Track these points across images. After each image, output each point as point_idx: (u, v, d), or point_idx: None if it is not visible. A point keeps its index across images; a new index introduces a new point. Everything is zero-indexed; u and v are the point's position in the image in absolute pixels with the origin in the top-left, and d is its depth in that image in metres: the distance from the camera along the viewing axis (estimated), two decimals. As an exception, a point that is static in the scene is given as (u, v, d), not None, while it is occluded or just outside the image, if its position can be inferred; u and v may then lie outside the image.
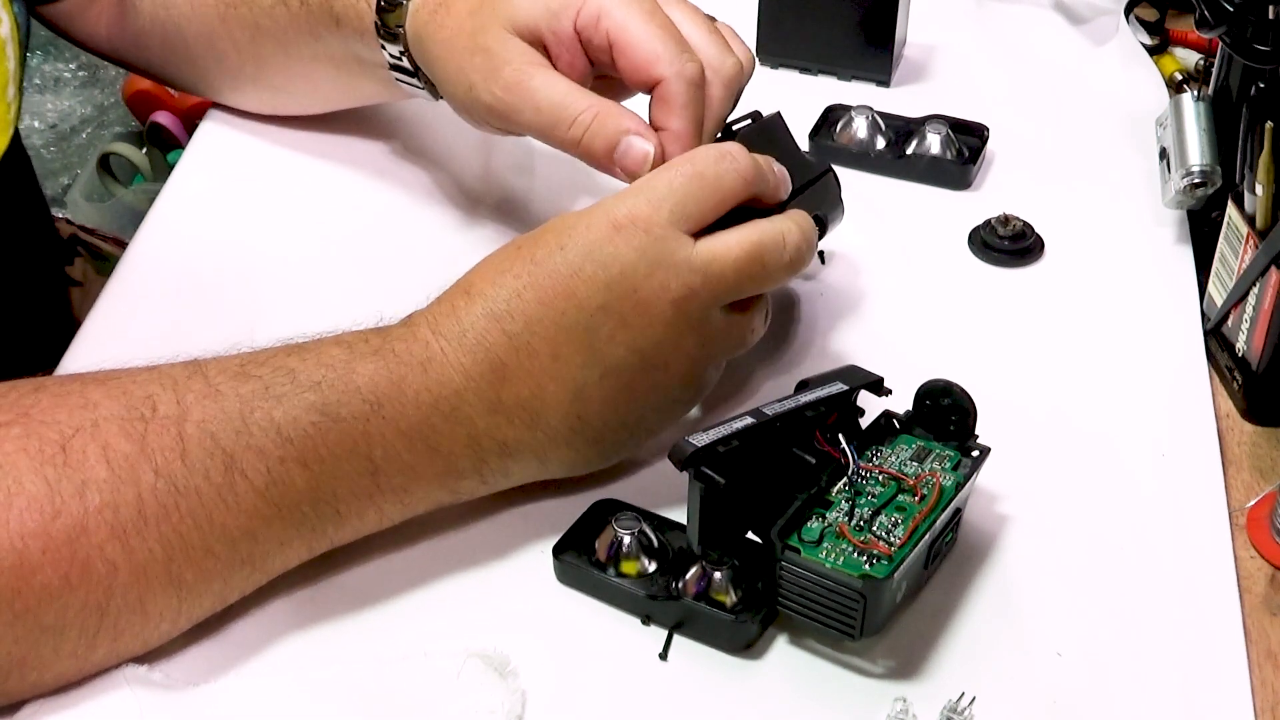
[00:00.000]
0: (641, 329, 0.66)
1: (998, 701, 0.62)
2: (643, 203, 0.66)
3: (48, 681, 0.60)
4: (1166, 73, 1.04)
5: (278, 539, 0.63)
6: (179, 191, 0.92)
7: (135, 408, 0.61)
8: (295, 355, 0.64)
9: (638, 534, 0.66)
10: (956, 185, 0.93)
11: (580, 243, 0.66)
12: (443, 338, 0.65)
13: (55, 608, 0.58)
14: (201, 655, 0.63)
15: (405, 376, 0.64)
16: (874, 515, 0.64)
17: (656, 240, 0.65)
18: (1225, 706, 0.63)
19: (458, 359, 0.65)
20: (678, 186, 0.66)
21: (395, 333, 0.66)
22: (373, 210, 0.90)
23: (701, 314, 0.67)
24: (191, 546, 0.60)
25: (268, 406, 0.62)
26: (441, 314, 0.66)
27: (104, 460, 0.59)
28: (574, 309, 0.65)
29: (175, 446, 0.60)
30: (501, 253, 0.68)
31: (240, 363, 0.64)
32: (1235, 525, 0.71)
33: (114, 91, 2.10)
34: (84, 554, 0.58)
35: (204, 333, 0.80)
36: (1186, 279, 0.86)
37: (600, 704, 0.62)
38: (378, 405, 0.64)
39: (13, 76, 0.85)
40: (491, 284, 0.66)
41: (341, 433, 0.63)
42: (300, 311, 0.82)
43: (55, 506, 0.58)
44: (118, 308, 0.83)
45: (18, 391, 0.62)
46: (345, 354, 0.64)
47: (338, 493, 0.64)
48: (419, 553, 0.68)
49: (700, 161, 0.67)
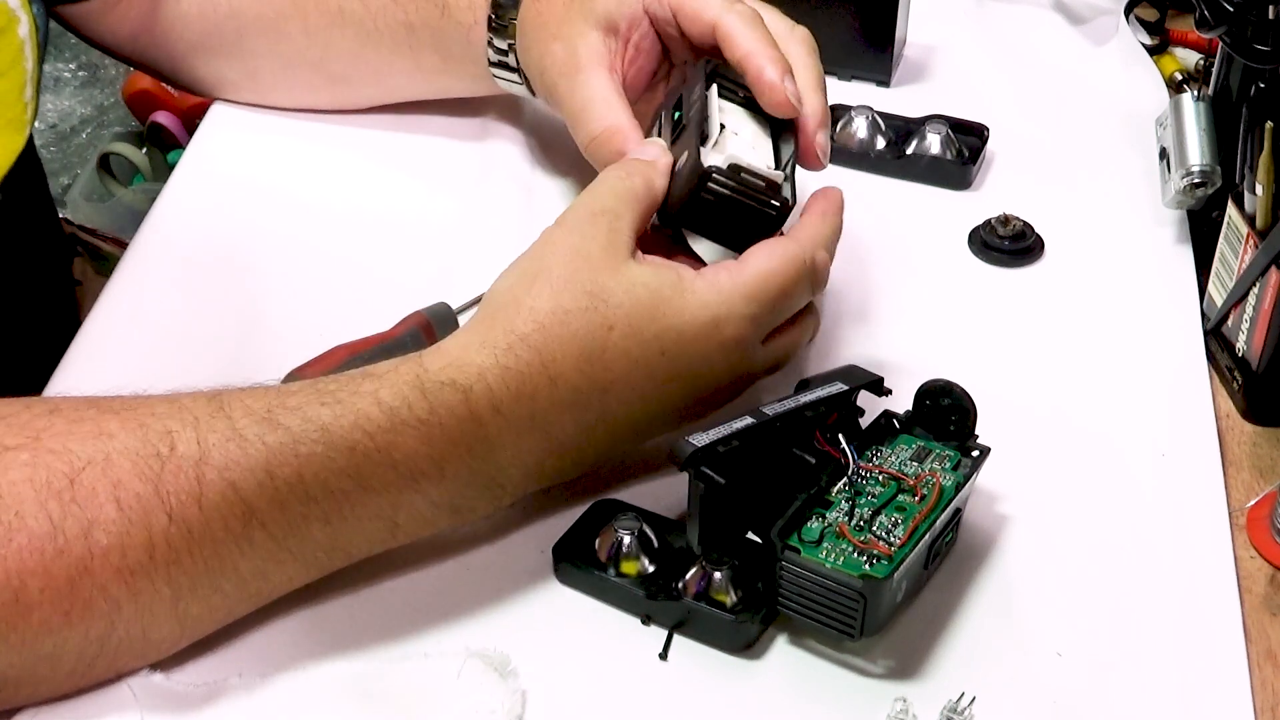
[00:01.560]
0: (700, 406, 0.69)
1: (998, 701, 0.62)
2: (750, 326, 0.67)
3: (43, 695, 0.60)
4: (1166, 73, 1.04)
5: (287, 577, 0.62)
6: (179, 191, 0.92)
7: (151, 443, 0.59)
8: (328, 406, 0.61)
9: (638, 534, 0.66)
10: (956, 185, 0.93)
11: (684, 353, 0.66)
12: (505, 419, 0.63)
13: (54, 640, 0.57)
14: (201, 656, 0.62)
15: (449, 456, 0.62)
16: (874, 515, 0.64)
17: (747, 357, 0.69)
18: (1225, 706, 0.63)
19: (515, 441, 0.64)
20: (778, 307, 0.69)
21: (446, 401, 0.62)
22: (374, 210, 0.90)
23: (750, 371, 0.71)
24: (200, 586, 0.60)
25: (296, 465, 0.60)
26: (512, 395, 0.63)
27: (114, 500, 0.57)
28: (653, 405, 0.67)
29: (192, 491, 0.58)
30: (589, 331, 0.64)
31: (268, 406, 0.61)
32: (1235, 525, 0.71)
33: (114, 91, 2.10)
34: (86, 593, 0.57)
35: (204, 333, 0.81)
36: (1186, 279, 0.86)
37: (600, 704, 0.62)
38: (413, 480, 0.62)
39: (30, 77, 0.85)
40: (579, 374, 0.64)
41: (370, 501, 0.62)
42: (301, 311, 0.82)
43: (58, 545, 0.56)
44: (118, 308, 0.82)
45: (30, 412, 0.60)
46: (385, 419, 0.61)
47: (354, 543, 0.63)
48: (419, 553, 0.68)
49: (801, 279, 0.69)
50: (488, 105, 0.95)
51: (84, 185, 1.76)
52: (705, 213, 0.72)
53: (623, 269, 0.66)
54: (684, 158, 0.71)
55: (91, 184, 1.76)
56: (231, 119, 0.96)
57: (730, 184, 0.70)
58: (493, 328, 0.64)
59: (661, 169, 0.71)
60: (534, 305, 0.64)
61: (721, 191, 0.70)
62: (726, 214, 0.71)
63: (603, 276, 0.65)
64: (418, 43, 0.88)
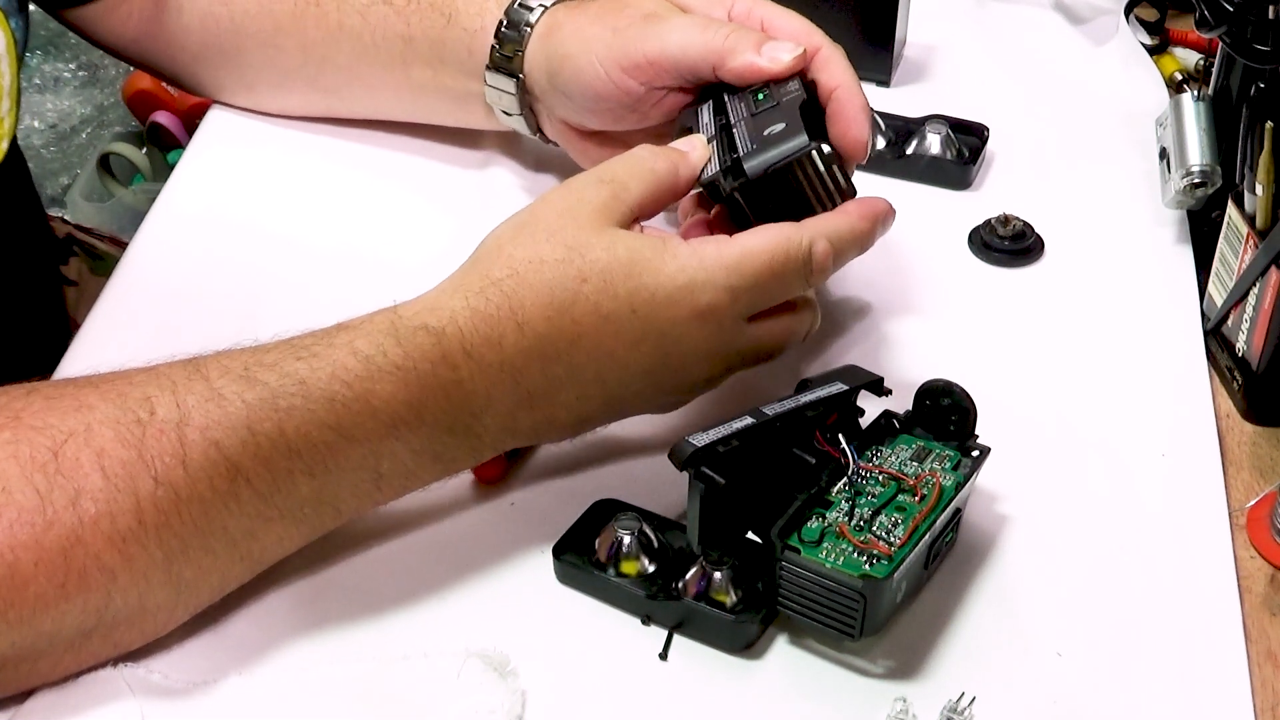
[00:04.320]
0: (674, 377, 0.68)
1: (998, 701, 0.62)
2: (726, 297, 0.66)
3: (43, 674, 0.60)
4: (1166, 73, 1.04)
5: (277, 536, 0.63)
6: (179, 191, 0.92)
7: (131, 410, 0.60)
8: (304, 360, 0.62)
9: (638, 534, 0.66)
10: (956, 185, 0.93)
11: (655, 315, 0.65)
12: (476, 363, 0.63)
13: (52, 615, 0.58)
14: (201, 655, 0.63)
15: (426, 401, 0.63)
16: (874, 515, 0.64)
17: (725, 333, 0.67)
18: (1225, 706, 0.63)
19: (487, 388, 0.64)
20: (761, 285, 0.66)
21: (420, 345, 0.63)
22: (374, 210, 0.90)
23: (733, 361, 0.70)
24: (191, 548, 0.60)
25: (277, 418, 0.60)
26: (481, 338, 0.64)
27: (99, 468, 0.58)
28: (622, 368, 0.66)
29: (176, 453, 0.59)
30: (561, 282, 0.64)
31: (244, 364, 0.62)
32: (1235, 525, 0.71)
33: (114, 91, 2.10)
34: (80, 563, 0.57)
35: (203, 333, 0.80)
36: (1186, 279, 0.86)
37: (600, 704, 0.62)
38: (393, 427, 0.62)
39: (8, 91, 0.85)
40: (547, 322, 0.64)
41: (352, 450, 0.62)
42: (300, 312, 0.82)
43: (47, 518, 0.57)
44: (117, 308, 0.82)
45: (8, 395, 0.61)
46: (361, 368, 0.62)
47: (340, 496, 0.63)
48: (419, 553, 0.68)
49: (791, 262, 0.67)
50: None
51: (84, 185, 1.76)
52: (773, 191, 0.70)
53: (608, 230, 0.66)
54: (780, 127, 0.70)
55: (91, 184, 1.76)
56: (232, 120, 0.96)
57: (818, 171, 0.69)
58: (470, 273, 0.65)
59: (694, 161, 0.70)
60: (513, 253, 0.65)
61: (810, 174, 0.69)
62: (790, 199, 0.70)
63: (586, 233, 0.65)
64: (413, 55, 0.87)
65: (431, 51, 0.86)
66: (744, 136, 0.71)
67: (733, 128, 0.72)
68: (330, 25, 0.89)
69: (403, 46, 0.87)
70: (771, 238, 0.67)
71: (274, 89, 0.94)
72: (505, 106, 0.85)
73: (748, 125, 0.71)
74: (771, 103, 0.72)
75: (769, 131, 0.70)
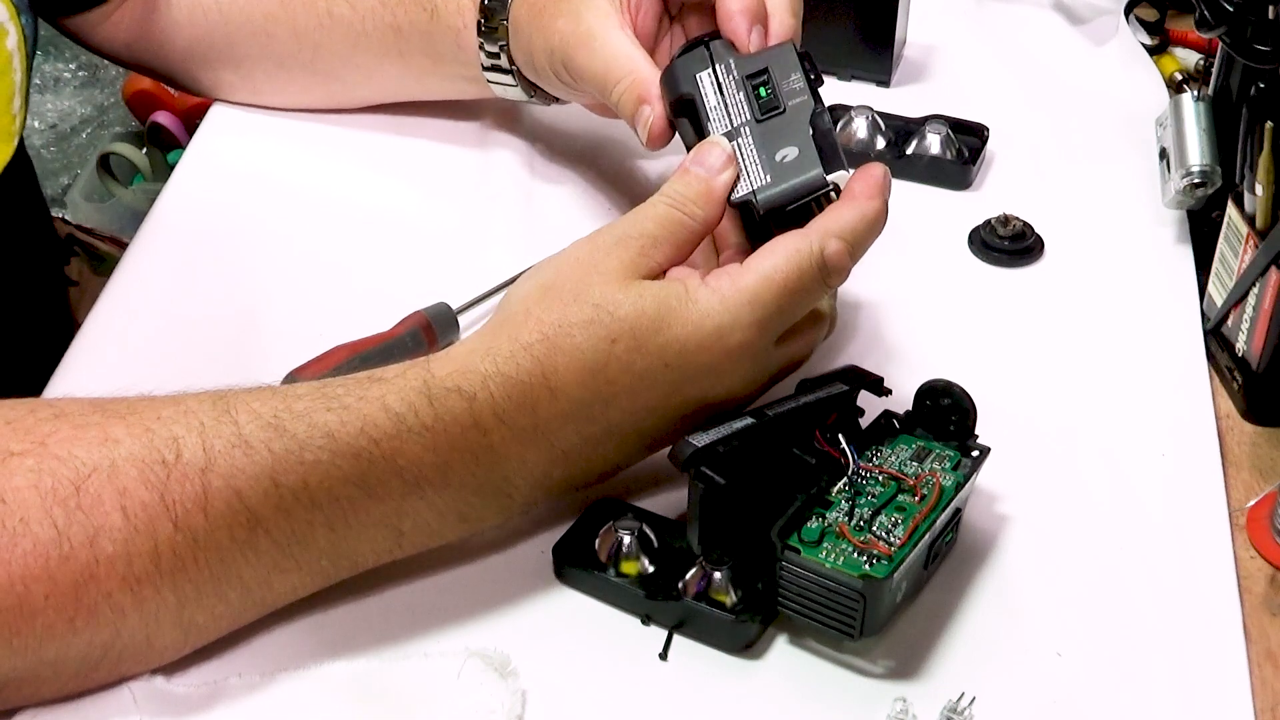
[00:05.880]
0: (711, 410, 0.67)
1: (998, 701, 0.62)
2: (756, 333, 0.65)
3: (45, 696, 0.60)
4: (1166, 73, 1.04)
5: (291, 585, 0.62)
6: (179, 191, 0.92)
7: (157, 450, 0.59)
8: (335, 413, 0.61)
9: (638, 534, 0.66)
10: (956, 185, 0.93)
11: (691, 364, 0.64)
12: (509, 428, 0.62)
13: (57, 646, 0.57)
14: (201, 655, 0.62)
15: (453, 463, 0.62)
16: (874, 515, 0.64)
17: (759, 362, 0.66)
18: (1225, 706, 0.63)
19: (520, 451, 0.63)
20: (784, 308, 0.65)
21: (451, 409, 0.62)
22: (374, 210, 0.90)
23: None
24: (205, 595, 0.60)
25: (302, 471, 0.60)
26: (514, 405, 0.62)
27: (120, 507, 0.57)
28: (660, 417, 0.66)
29: (198, 499, 0.58)
30: (591, 344, 0.63)
31: (274, 411, 0.60)
32: (1235, 525, 0.71)
33: (114, 91, 2.10)
34: (91, 600, 0.57)
35: (204, 333, 0.81)
36: (1186, 279, 0.86)
37: (600, 704, 0.62)
38: (417, 486, 0.62)
39: (18, 89, 0.85)
40: (580, 386, 0.63)
41: (375, 507, 0.61)
42: (301, 311, 0.82)
43: (63, 552, 0.56)
44: (117, 308, 0.82)
45: (35, 417, 0.60)
46: (392, 426, 0.61)
47: (359, 550, 0.63)
48: (419, 552, 0.68)
49: (807, 275, 0.65)
50: (487, 104, 0.95)
51: (84, 185, 1.76)
52: (787, 218, 0.69)
53: (634, 285, 0.65)
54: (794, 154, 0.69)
55: (91, 184, 1.75)
56: (231, 119, 0.97)
57: (830, 198, 0.68)
58: (499, 335, 0.64)
59: (718, 190, 0.68)
60: (541, 316, 0.64)
61: (824, 203, 0.68)
62: (804, 218, 0.68)
63: (611, 289, 0.64)
64: (407, 45, 0.88)
65: (424, 43, 0.88)
66: (756, 161, 0.69)
67: (738, 135, 0.70)
68: (319, 11, 0.90)
69: (394, 36, 0.88)
70: (784, 255, 0.65)
71: (272, 78, 0.94)
72: (514, 96, 0.87)
73: (756, 139, 0.70)
74: (777, 107, 0.70)
75: (781, 156, 0.69)
